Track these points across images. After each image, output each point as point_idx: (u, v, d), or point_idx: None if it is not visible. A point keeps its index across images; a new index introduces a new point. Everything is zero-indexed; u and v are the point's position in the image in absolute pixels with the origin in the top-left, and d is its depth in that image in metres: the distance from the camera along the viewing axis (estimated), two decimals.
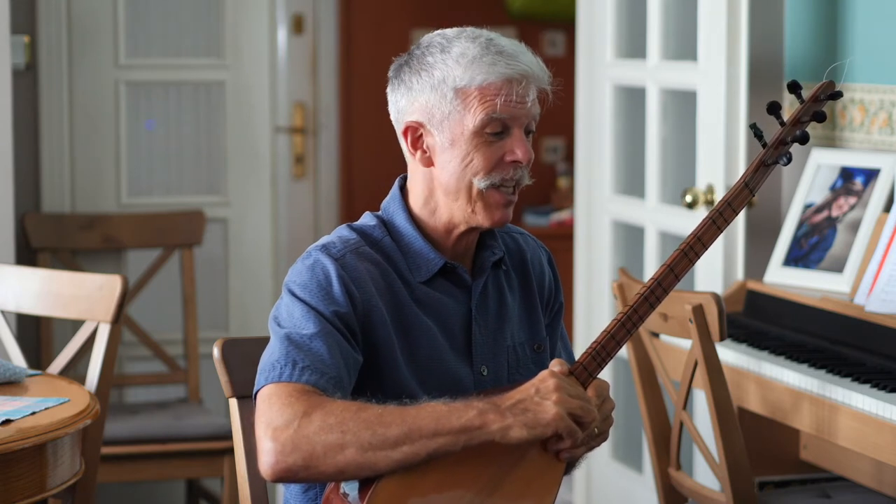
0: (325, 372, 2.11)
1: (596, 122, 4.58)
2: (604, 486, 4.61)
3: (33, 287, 3.43)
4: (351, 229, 2.29)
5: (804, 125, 2.33)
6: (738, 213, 2.28)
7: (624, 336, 2.22)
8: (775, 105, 2.32)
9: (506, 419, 2.06)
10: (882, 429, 2.84)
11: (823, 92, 2.34)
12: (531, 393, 2.10)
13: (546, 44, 6.41)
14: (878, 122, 3.65)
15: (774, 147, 2.31)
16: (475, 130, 2.21)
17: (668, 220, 4.23)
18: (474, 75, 2.20)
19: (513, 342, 2.33)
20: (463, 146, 2.22)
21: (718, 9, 3.85)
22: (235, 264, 5.06)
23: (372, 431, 2.04)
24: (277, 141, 5.47)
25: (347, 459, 2.04)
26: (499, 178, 2.23)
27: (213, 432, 4.26)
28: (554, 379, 2.10)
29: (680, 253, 2.25)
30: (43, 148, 4.72)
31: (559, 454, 2.14)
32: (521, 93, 2.20)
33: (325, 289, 2.18)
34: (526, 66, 2.21)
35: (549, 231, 6.00)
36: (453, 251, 2.30)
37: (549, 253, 2.46)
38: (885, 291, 3.24)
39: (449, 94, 2.21)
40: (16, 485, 2.72)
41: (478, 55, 2.21)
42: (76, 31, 4.80)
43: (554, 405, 2.08)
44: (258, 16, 5.04)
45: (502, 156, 2.23)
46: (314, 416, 2.05)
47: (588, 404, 2.12)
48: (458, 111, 2.21)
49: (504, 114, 2.21)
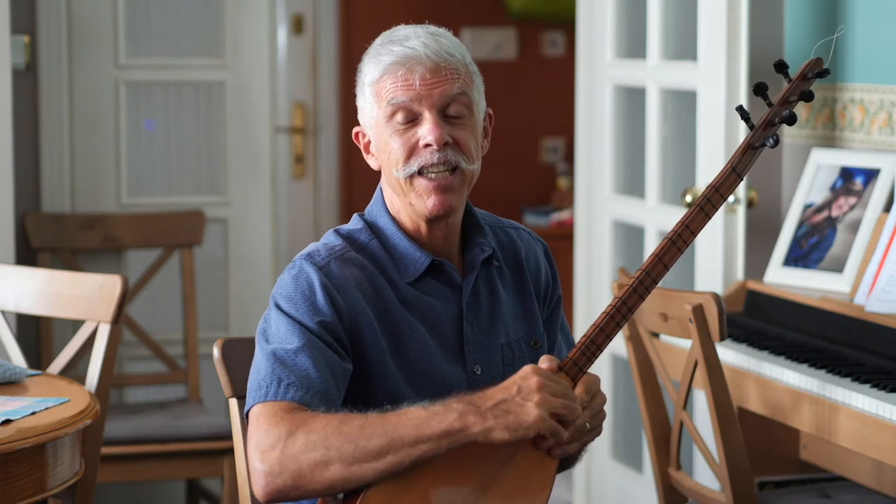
0: (310, 387, 2.12)
1: (596, 122, 4.58)
2: (604, 486, 4.61)
3: (33, 287, 3.43)
4: (338, 234, 2.30)
5: (792, 105, 2.29)
6: (726, 198, 2.26)
7: (614, 329, 2.21)
8: (762, 86, 2.28)
9: (487, 421, 2.05)
10: (882, 429, 2.84)
11: (811, 70, 2.30)
12: (513, 392, 2.08)
13: (546, 44, 6.41)
14: (878, 122, 3.65)
15: (762, 129, 2.28)
16: (385, 121, 2.25)
17: (669, 220, 4.22)
18: (374, 70, 2.27)
19: (507, 340, 2.32)
20: (383, 139, 2.26)
21: (718, 9, 3.85)
22: (235, 264, 5.06)
23: (355, 445, 2.05)
24: (277, 141, 5.48)
25: (334, 475, 2.06)
26: (417, 164, 2.23)
27: (213, 432, 4.26)
28: (536, 377, 2.08)
29: (668, 241, 2.24)
30: (43, 148, 4.72)
31: (551, 451, 2.14)
32: (407, 75, 2.22)
33: (309, 299, 2.18)
34: (412, 49, 2.23)
35: (549, 231, 6.00)
36: (433, 248, 2.29)
37: (546, 245, 2.44)
38: (884, 291, 3.24)
39: (367, 93, 2.29)
40: (16, 485, 2.72)
41: (375, 51, 2.28)
42: (76, 31, 4.80)
43: (536, 407, 2.06)
44: (258, 16, 5.04)
45: (416, 141, 2.23)
46: (298, 435, 2.07)
47: (572, 402, 2.10)
48: (374, 108, 2.27)
49: (400, 98, 2.23)
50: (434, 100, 2.22)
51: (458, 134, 2.24)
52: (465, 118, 2.25)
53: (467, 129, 2.25)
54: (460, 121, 2.24)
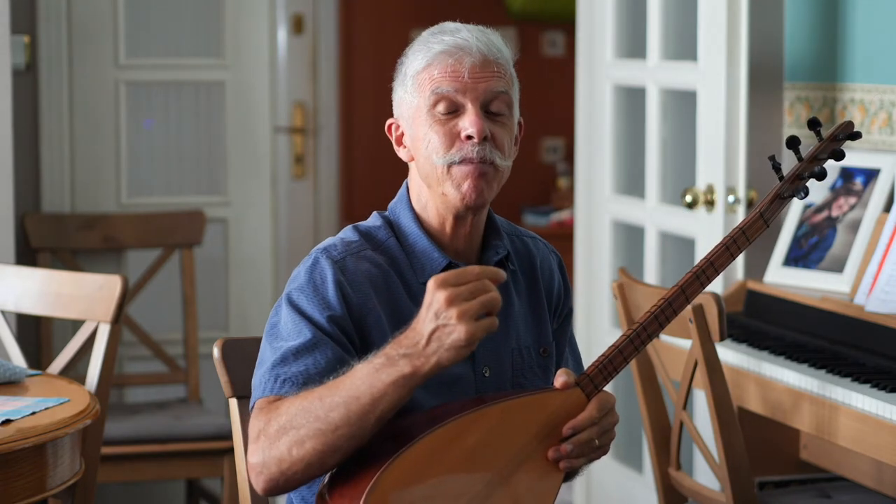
0: (306, 382, 2.14)
1: (596, 122, 4.59)
2: (604, 486, 4.61)
3: (33, 287, 3.43)
4: (356, 230, 2.30)
5: (822, 162, 2.35)
6: (752, 242, 2.30)
7: (632, 352, 2.22)
8: (794, 140, 2.34)
9: (430, 358, 2.03)
10: (882, 429, 2.84)
11: (843, 132, 2.36)
12: (434, 319, 2.02)
13: (546, 44, 6.42)
14: (878, 122, 3.65)
15: (791, 181, 2.33)
16: (427, 110, 2.24)
17: (668, 220, 4.23)
18: (420, 59, 2.26)
19: (518, 345, 2.32)
20: (423, 129, 2.25)
21: (718, 9, 3.85)
22: (235, 264, 5.06)
23: (319, 419, 2.06)
24: (277, 141, 5.48)
25: (309, 450, 2.07)
26: (458, 155, 2.23)
27: (213, 432, 4.26)
28: (442, 291, 2.01)
29: (692, 276, 2.26)
30: (43, 148, 4.72)
31: (559, 463, 2.15)
32: (456, 65, 2.22)
33: (320, 292, 2.20)
34: (463, 40, 2.24)
35: (549, 231, 6.00)
36: (454, 248, 2.30)
37: (560, 258, 2.45)
38: (884, 291, 3.24)
39: (409, 83, 2.28)
40: (16, 485, 2.72)
41: (423, 40, 2.28)
42: (76, 31, 4.80)
43: (459, 322, 2.00)
44: (258, 16, 5.04)
45: (458, 133, 2.23)
46: (272, 423, 2.10)
47: (485, 291, 2.02)
48: (415, 97, 2.26)
49: (445, 87, 2.23)
50: (479, 93, 2.23)
51: (497, 131, 2.25)
52: (504, 117, 2.26)
53: (505, 129, 2.26)
54: (500, 118, 2.26)
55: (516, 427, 2.14)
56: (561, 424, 2.16)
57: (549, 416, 2.16)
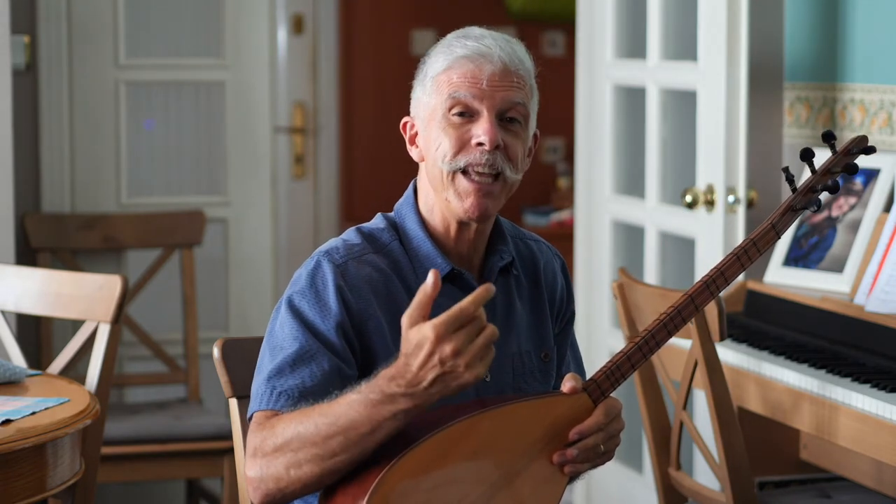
0: (303, 396, 2.13)
1: (596, 122, 4.59)
2: (604, 486, 4.61)
3: (33, 287, 3.43)
4: (359, 233, 2.29)
5: (835, 175, 2.35)
6: (762, 253, 2.30)
7: (640, 360, 2.22)
8: (808, 152, 2.34)
9: (433, 396, 2.02)
10: (882, 429, 2.84)
11: (856, 146, 2.37)
12: (443, 370, 1.99)
13: (546, 44, 6.41)
14: (878, 122, 3.65)
15: (803, 194, 2.33)
16: (442, 113, 2.23)
17: (669, 220, 4.23)
18: (442, 61, 2.25)
19: (519, 350, 2.32)
20: (436, 132, 2.24)
21: (718, 9, 3.85)
22: (235, 264, 5.06)
23: (317, 446, 2.06)
24: (277, 141, 5.48)
25: (307, 473, 2.08)
26: (464, 161, 2.21)
27: (213, 432, 4.26)
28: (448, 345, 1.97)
29: (702, 285, 2.27)
30: (43, 148, 4.72)
31: (563, 468, 2.14)
32: (476, 71, 2.22)
33: (321, 296, 2.19)
34: (486, 47, 2.23)
35: (549, 231, 6.00)
36: (458, 253, 2.29)
37: (564, 261, 2.45)
38: (884, 291, 3.24)
39: (429, 84, 2.26)
40: (16, 485, 2.72)
41: (447, 42, 2.26)
42: (76, 31, 4.80)
43: (468, 371, 1.99)
44: (258, 16, 5.04)
45: (469, 139, 2.22)
46: (268, 441, 2.10)
47: (481, 323, 1.99)
48: (432, 99, 2.25)
49: (463, 92, 2.22)
50: (495, 101, 2.22)
51: (510, 141, 2.23)
52: (518, 127, 2.25)
53: (519, 139, 2.24)
54: (514, 129, 2.24)
55: (521, 430, 2.13)
56: (566, 429, 2.16)
57: (555, 420, 2.15)
